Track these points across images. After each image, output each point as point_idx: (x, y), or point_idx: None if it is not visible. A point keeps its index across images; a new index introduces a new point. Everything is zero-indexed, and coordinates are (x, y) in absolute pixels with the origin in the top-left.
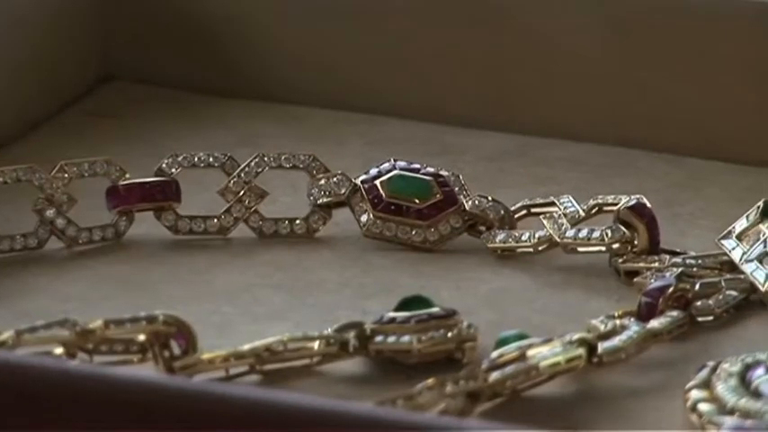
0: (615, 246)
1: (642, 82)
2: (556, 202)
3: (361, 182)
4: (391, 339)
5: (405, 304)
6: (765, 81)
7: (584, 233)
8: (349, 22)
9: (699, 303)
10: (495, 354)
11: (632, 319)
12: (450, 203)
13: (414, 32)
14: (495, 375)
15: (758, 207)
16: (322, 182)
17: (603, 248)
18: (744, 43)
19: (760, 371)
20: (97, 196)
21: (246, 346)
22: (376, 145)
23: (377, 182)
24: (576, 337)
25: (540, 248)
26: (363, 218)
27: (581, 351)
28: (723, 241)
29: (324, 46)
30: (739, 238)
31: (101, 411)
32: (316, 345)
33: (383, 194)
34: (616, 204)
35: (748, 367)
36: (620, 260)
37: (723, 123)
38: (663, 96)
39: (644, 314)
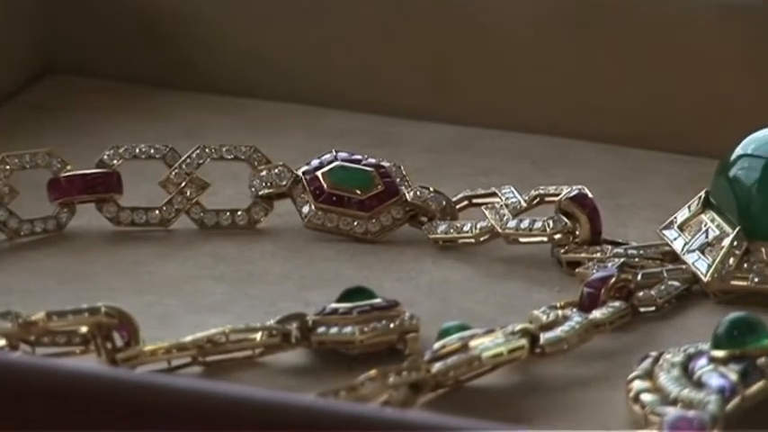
0: (557, 236)
1: (583, 73)
2: (497, 192)
3: (303, 173)
4: (333, 330)
5: (347, 295)
6: (704, 72)
7: (525, 224)
8: (291, 14)
9: (641, 294)
10: (437, 345)
11: (574, 310)
12: (392, 194)
13: (355, 25)
14: (437, 366)
15: (699, 197)
16: (263, 173)
17: (545, 239)
18: (684, 35)
19: (702, 361)
20: (39, 188)
21: (189, 338)
22: (317, 136)
23: (318, 173)
24: (518, 327)
25: (481, 239)
26: (305, 209)
27: (523, 342)
28: (665, 231)
29: (265, 38)
30: (681, 228)
31: (43, 403)
32: (258, 336)
33: (325, 186)
34: (558, 195)
35: (691, 357)
36: (562, 251)
37: (664, 114)
38: (603, 87)
39: (586, 305)
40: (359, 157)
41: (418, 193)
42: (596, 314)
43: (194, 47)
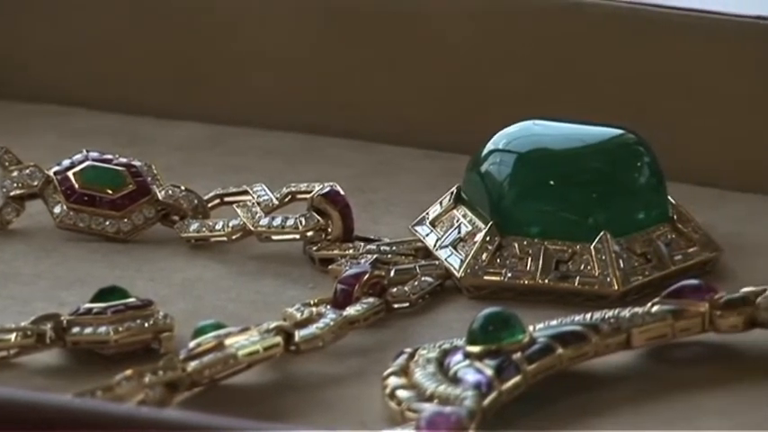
0: (309, 233)
1: (331, 69)
2: (249, 190)
3: (54, 173)
4: (88, 330)
5: (101, 295)
6: (455, 67)
7: (278, 221)
8: (36, 13)
9: (394, 290)
10: (192, 343)
11: (328, 307)
12: (143, 193)
13: (101, 23)
14: (193, 365)
15: (452, 193)
16: (14, 174)
17: (298, 236)
18: (435, 29)
19: (458, 357)
20: None
21: None
22: (67, 136)
23: (69, 173)
24: (273, 325)
25: (234, 237)
26: (57, 209)
27: (278, 339)
28: (417, 227)
29: (11, 37)
30: (433, 224)
31: None
32: (12, 337)
33: (76, 185)
34: (309, 192)
35: (446, 353)
36: (315, 248)
37: (414, 110)
38: (353, 83)
39: (340, 301)
40: (110, 156)
41: (170, 191)
42: (350, 311)
43: None
